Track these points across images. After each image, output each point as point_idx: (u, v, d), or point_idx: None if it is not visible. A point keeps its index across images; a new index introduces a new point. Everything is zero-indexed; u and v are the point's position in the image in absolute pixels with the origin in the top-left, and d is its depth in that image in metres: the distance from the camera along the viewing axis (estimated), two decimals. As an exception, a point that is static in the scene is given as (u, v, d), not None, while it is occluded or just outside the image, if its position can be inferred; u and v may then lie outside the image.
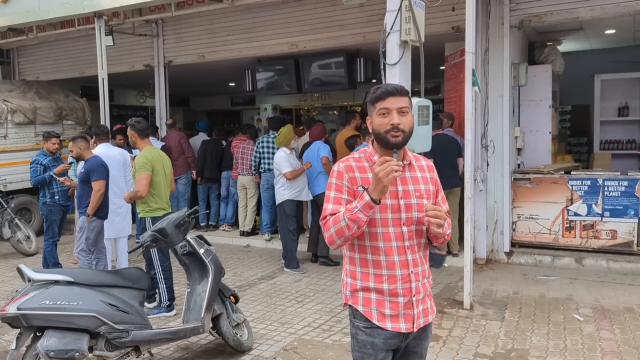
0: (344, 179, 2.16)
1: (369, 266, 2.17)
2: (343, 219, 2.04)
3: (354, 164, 2.19)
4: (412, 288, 2.16)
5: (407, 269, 2.15)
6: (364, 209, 2.00)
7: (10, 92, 9.26)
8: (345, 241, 2.10)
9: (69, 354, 3.30)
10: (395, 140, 2.10)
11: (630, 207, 6.29)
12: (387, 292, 2.15)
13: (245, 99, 15.45)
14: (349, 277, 2.24)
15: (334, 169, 2.20)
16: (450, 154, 6.55)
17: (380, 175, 1.94)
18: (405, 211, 2.15)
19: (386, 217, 2.13)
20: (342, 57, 8.21)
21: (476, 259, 6.53)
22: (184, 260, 4.02)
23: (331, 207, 2.14)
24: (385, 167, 1.94)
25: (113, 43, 7.68)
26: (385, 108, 2.10)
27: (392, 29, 4.81)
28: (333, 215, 2.10)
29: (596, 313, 4.87)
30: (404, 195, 2.16)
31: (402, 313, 2.16)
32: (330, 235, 2.10)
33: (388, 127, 2.09)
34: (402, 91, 2.14)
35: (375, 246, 2.15)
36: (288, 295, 5.64)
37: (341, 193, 2.15)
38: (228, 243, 8.26)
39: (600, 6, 6.16)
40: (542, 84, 7.35)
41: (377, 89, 2.15)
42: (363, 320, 2.18)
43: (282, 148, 6.57)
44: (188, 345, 4.35)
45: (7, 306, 3.34)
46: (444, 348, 4.16)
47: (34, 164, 6.54)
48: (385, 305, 2.16)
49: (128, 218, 6.36)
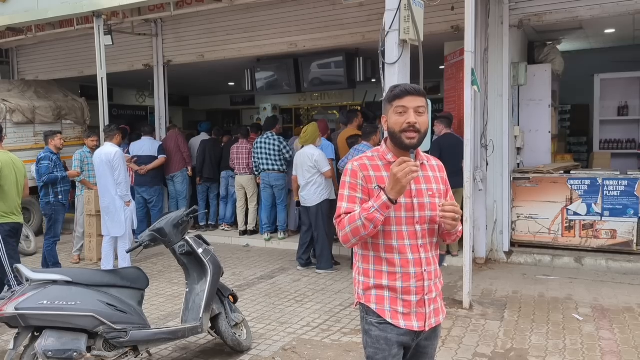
0: (358, 177, 2.16)
1: (382, 264, 2.18)
2: (359, 218, 2.05)
3: (367, 162, 2.20)
4: (425, 287, 2.19)
5: (420, 267, 2.17)
6: (381, 209, 2.02)
7: (9, 92, 9.24)
8: (360, 240, 2.12)
9: (67, 354, 3.29)
10: (410, 142, 2.11)
11: (630, 207, 6.29)
12: (400, 289, 2.17)
13: (245, 98, 15.44)
14: (361, 276, 2.25)
15: (348, 168, 2.21)
16: (459, 154, 6.54)
17: (399, 175, 1.96)
18: (418, 210, 2.17)
19: (400, 215, 2.15)
20: (342, 56, 8.20)
21: (475, 258, 6.52)
22: (183, 260, 4.00)
23: (346, 205, 2.15)
24: (404, 168, 1.96)
25: (112, 42, 7.67)
26: (402, 106, 2.12)
27: (391, 28, 4.81)
28: (348, 214, 2.11)
29: (596, 313, 4.86)
30: (417, 194, 2.18)
31: (414, 311, 2.18)
32: (345, 234, 2.11)
33: (404, 126, 2.11)
34: (420, 92, 2.16)
35: (389, 244, 2.16)
36: (287, 295, 5.63)
37: (355, 192, 2.16)
38: (227, 243, 8.26)
39: (600, 5, 6.15)
40: (542, 83, 7.34)
41: (396, 87, 2.18)
42: (376, 317, 2.20)
43: (309, 146, 6.52)
44: (187, 345, 4.34)
45: (5, 306, 3.32)
46: (443, 348, 4.15)
47: (45, 160, 6.51)
48: (398, 303, 2.17)
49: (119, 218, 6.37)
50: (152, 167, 8.15)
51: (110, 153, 6.29)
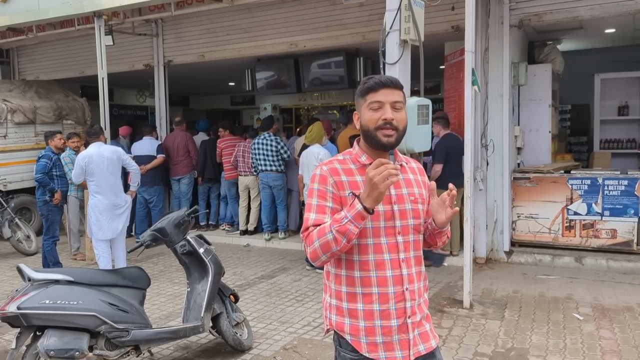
0: (328, 183, 1.87)
1: (355, 285, 1.88)
2: (330, 230, 1.74)
3: (338, 166, 1.91)
4: (407, 308, 1.88)
5: (401, 286, 1.87)
6: (355, 220, 1.71)
7: (10, 92, 9.26)
8: (331, 257, 1.80)
9: (69, 353, 3.30)
10: (388, 140, 1.83)
11: (630, 207, 6.29)
12: (377, 314, 1.86)
13: (245, 98, 15.46)
14: (333, 298, 1.95)
15: (316, 173, 1.91)
16: (461, 154, 6.55)
17: (376, 180, 1.66)
18: (400, 218, 1.88)
19: (378, 225, 1.85)
20: (342, 56, 8.21)
21: (476, 258, 6.53)
22: (184, 260, 4.02)
23: (314, 217, 1.84)
24: (381, 171, 1.66)
25: (113, 43, 7.68)
26: (377, 101, 1.84)
27: (391, 28, 4.82)
28: (317, 227, 1.80)
29: (596, 312, 4.87)
30: (398, 200, 1.89)
31: (396, 339, 1.88)
32: (313, 250, 1.78)
33: (380, 123, 1.83)
34: (397, 84, 1.88)
35: (364, 260, 1.86)
36: (288, 294, 5.64)
37: (325, 200, 1.85)
38: (228, 242, 8.26)
39: (600, 5, 6.16)
40: (542, 83, 7.35)
41: (369, 79, 1.89)
42: (350, 350, 1.90)
43: (315, 145, 6.53)
44: (188, 344, 4.35)
45: (7, 305, 3.34)
46: (443, 347, 4.16)
47: (44, 159, 6.57)
48: (376, 331, 1.87)
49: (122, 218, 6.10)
50: (151, 167, 8.15)
51: (118, 150, 6.10)
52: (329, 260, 1.83)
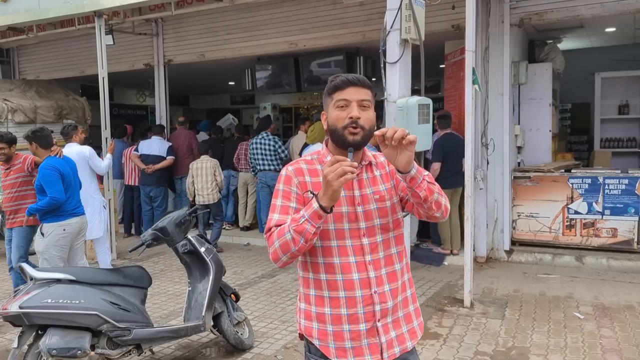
0: (292, 184, 1.84)
1: (322, 288, 1.85)
2: (288, 231, 1.71)
3: (304, 166, 1.89)
4: (376, 312, 1.83)
5: (368, 289, 1.82)
6: (311, 219, 1.67)
7: (11, 91, 9.27)
8: (291, 257, 1.76)
9: (71, 352, 3.31)
10: (353, 139, 1.79)
11: (631, 205, 6.30)
12: (345, 318, 1.82)
13: (245, 97, 15.46)
14: (302, 302, 1.93)
15: (282, 174, 1.90)
16: (460, 153, 6.56)
17: (330, 177, 1.61)
18: (365, 220, 1.84)
19: (342, 227, 1.82)
20: (342, 55, 8.21)
21: (476, 257, 6.53)
22: (185, 259, 4.02)
23: (277, 217, 1.82)
24: (335, 168, 1.61)
25: (113, 42, 7.69)
26: (344, 100, 1.81)
27: (392, 27, 4.83)
28: (278, 227, 1.78)
29: (596, 311, 4.88)
30: (362, 201, 1.85)
31: (365, 343, 1.83)
32: (274, 250, 1.76)
33: (346, 122, 1.79)
34: (365, 82, 1.84)
35: (329, 263, 1.83)
36: (288, 293, 5.64)
37: (289, 201, 1.83)
38: (228, 242, 8.27)
39: (601, 4, 6.16)
40: (543, 82, 7.35)
41: (336, 77, 1.86)
42: (319, 355, 1.86)
43: (317, 144, 6.57)
44: (189, 343, 4.36)
45: (9, 305, 3.35)
46: (444, 346, 4.17)
47: None
48: (345, 336, 1.83)
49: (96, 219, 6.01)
50: (159, 167, 8.16)
51: (83, 151, 5.89)
52: (290, 261, 1.78)
